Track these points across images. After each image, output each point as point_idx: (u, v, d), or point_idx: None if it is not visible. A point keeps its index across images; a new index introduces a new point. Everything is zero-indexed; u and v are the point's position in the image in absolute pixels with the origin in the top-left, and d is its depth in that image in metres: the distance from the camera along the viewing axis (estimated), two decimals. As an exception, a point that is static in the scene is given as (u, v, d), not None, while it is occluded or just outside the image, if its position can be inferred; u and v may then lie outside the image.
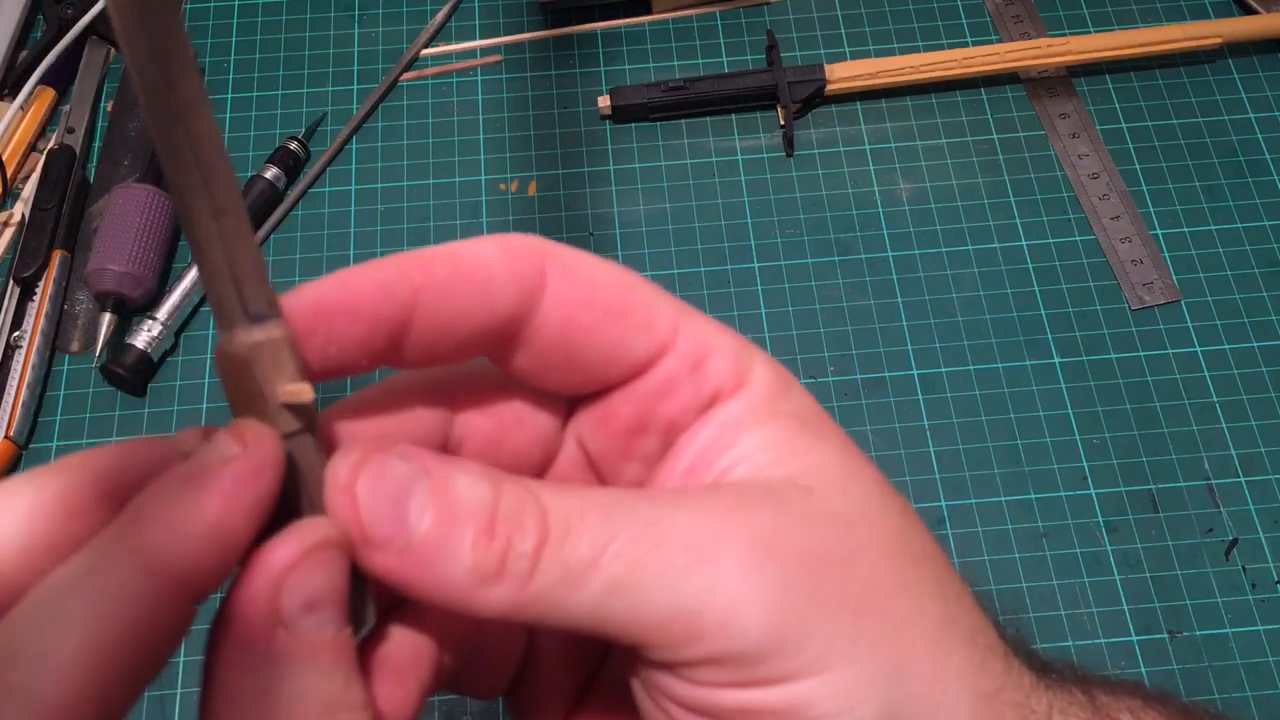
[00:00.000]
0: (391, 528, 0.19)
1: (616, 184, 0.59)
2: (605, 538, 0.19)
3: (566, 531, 0.19)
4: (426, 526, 0.19)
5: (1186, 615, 0.49)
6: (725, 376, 0.22)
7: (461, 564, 0.19)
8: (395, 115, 0.62)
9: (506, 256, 0.21)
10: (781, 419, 0.22)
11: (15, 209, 0.59)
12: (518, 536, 0.19)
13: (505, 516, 0.19)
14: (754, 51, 0.63)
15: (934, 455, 0.52)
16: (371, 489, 0.19)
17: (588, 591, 0.19)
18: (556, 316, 0.21)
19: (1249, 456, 0.52)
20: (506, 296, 0.21)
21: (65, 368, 0.55)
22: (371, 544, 0.19)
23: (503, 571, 0.19)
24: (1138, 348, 0.54)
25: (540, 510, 0.19)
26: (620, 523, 0.19)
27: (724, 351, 0.22)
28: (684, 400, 0.22)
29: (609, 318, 0.22)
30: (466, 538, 0.19)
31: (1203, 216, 0.58)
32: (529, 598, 0.19)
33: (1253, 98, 0.61)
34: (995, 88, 0.61)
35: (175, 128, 0.18)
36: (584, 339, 0.22)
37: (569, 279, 0.21)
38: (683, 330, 0.22)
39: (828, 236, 0.58)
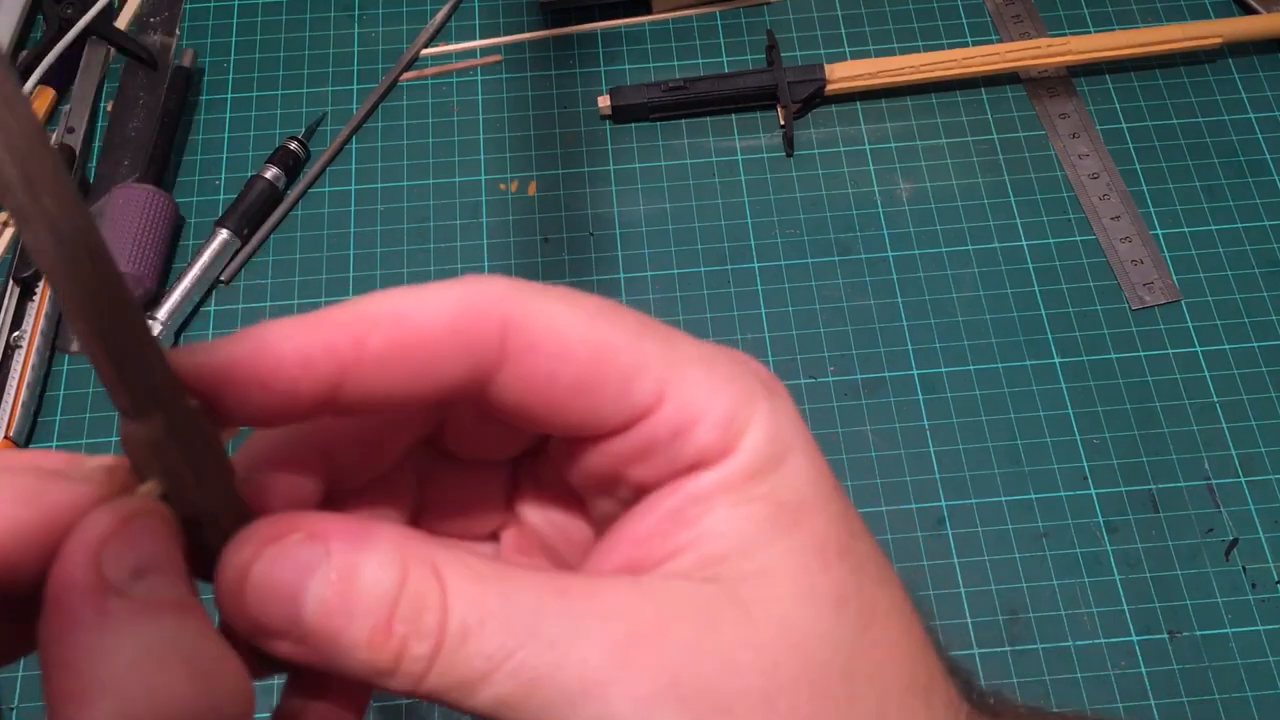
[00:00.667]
0: (286, 622, 0.18)
1: (616, 184, 0.59)
2: (502, 653, 0.18)
3: (464, 639, 0.18)
4: (321, 621, 0.18)
5: (1186, 615, 0.49)
6: (709, 447, 0.20)
7: (357, 659, 0.18)
8: (395, 115, 0.62)
9: (456, 329, 0.19)
10: (753, 505, 0.20)
11: (15, 209, 0.59)
12: (414, 640, 0.18)
13: (403, 615, 0.18)
14: (754, 51, 0.63)
15: (934, 455, 0.52)
16: (266, 574, 0.19)
17: (479, 700, 0.18)
18: (515, 392, 0.20)
19: (1249, 456, 0.52)
20: (453, 375, 0.19)
21: (65, 368, 0.55)
22: (268, 633, 0.19)
23: (396, 670, 0.18)
24: (1138, 348, 0.54)
25: (442, 609, 0.18)
26: (521, 638, 0.18)
27: (714, 418, 0.20)
28: (657, 468, 0.21)
29: (576, 393, 0.20)
30: (363, 635, 0.18)
31: (1203, 216, 0.58)
32: (424, 693, 0.19)
33: (1253, 98, 0.61)
34: (995, 88, 0.61)
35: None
36: (547, 412, 0.20)
37: (530, 353, 0.20)
38: (669, 395, 0.20)
39: (828, 236, 0.58)
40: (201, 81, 0.63)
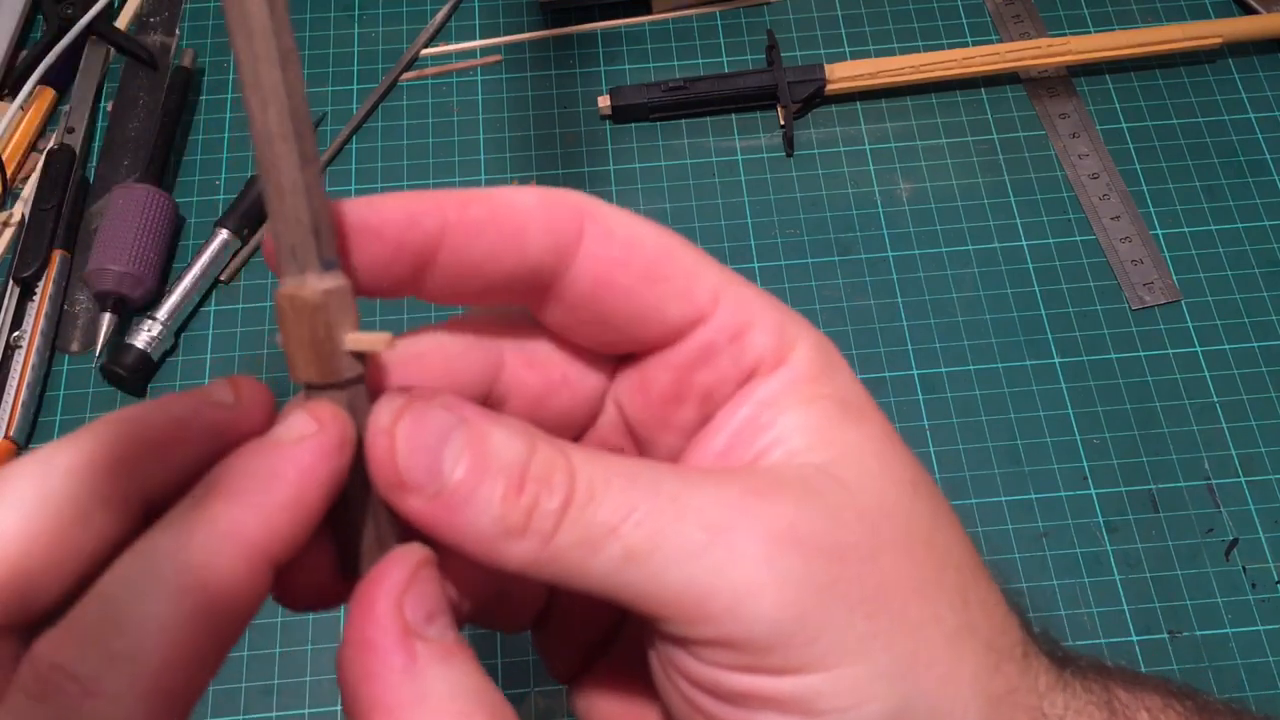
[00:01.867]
0: (425, 474, 0.19)
1: (616, 184, 0.59)
2: (627, 506, 0.19)
3: (591, 495, 0.20)
4: (459, 476, 0.19)
5: (1186, 615, 0.49)
6: (766, 350, 0.22)
7: (489, 515, 0.19)
8: (395, 115, 0.62)
9: (544, 208, 0.21)
10: (821, 402, 0.22)
11: (15, 209, 0.59)
12: (545, 495, 0.19)
13: (535, 474, 0.20)
14: (754, 51, 0.63)
15: (934, 455, 0.52)
16: (410, 434, 0.20)
17: (605, 557, 0.19)
18: (590, 274, 0.21)
19: (1249, 456, 0.52)
20: (539, 247, 0.21)
21: (65, 368, 0.55)
22: (405, 488, 0.19)
23: (527, 527, 0.19)
24: (1138, 348, 0.54)
25: (569, 472, 0.20)
26: (644, 494, 0.20)
27: (767, 325, 0.22)
28: (721, 371, 0.22)
29: (645, 281, 0.21)
30: (497, 490, 0.19)
31: (1203, 216, 0.58)
32: (549, 556, 0.19)
33: (1253, 98, 0.61)
34: (995, 88, 0.61)
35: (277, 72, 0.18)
36: (617, 300, 0.22)
37: (606, 238, 0.21)
38: (724, 300, 0.22)
39: (828, 236, 0.58)
40: (201, 81, 0.63)
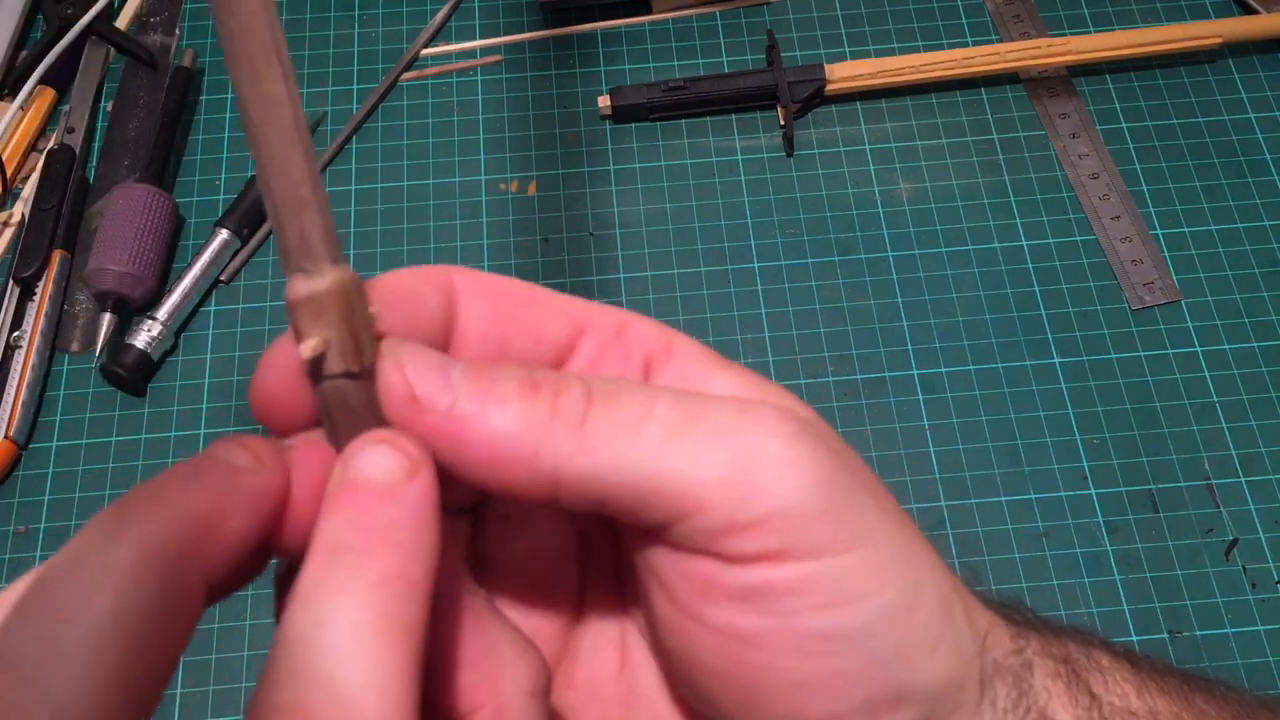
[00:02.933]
0: (438, 390, 0.20)
1: (616, 184, 0.59)
2: (651, 395, 0.20)
3: (613, 391, 0.20)
4: (469, 383, 0.20)
5: (1186, 615, 0.49)
6: (652, 339, 0.23)
7: (511, 412, 0.19)
8: (395, 115, 0.62)
9: (418, 274, 0.22)
10: (735, 369, 0.23)
11: (15, 209, 0.59)
12: (565, 391, 0.20)
13: (545, 379, 0.20)
14: (754, 51, 0.63)
15: (934, 455, 0.52)
16: (417, 357, 0.20)
17: (645, 437, 0.19)
18: (476, 311, 0.22)
19: (1249, 456, 0.52)
20: (434, 301, 0.22)
21: (65, 368, 0.55)
22: (420, 404, 0.20)
23: (554, 416, 0.19)
24: (1138, 348, 0.54)
25: (581, 378, 0.20)
26: (660, 390, 0.20)
27: (640, 320, 0.23)
28: (618, 366, 0.22)
29: (521, 304, 0.22)
30: (512, 388, 0.20)
31: (1203, 216, 0.58)
32: (584, 446, 0.19)
33: (1253, 98, 0.61)
34: (995, 88, 0.61)
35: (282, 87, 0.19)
36: (505, 327, 0.22)
37: (474, 280, 0.22)
38: (592, 310, 0.23)
39: (828, 236, 0.58)
40: (201, 81, 0.63)
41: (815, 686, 0.20)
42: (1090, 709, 0.22)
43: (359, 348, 0.20)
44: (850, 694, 0.20)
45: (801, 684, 0.20)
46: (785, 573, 0.20)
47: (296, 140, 0.19)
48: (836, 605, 0.20)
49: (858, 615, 0.20)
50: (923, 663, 0.20)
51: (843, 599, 0.20)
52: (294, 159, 0.19)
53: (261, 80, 0.19)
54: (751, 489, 0.19)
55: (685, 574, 0.20)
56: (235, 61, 0.19)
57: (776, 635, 0.20)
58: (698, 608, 0.21)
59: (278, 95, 0.19)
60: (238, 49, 0.19)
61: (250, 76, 0.19)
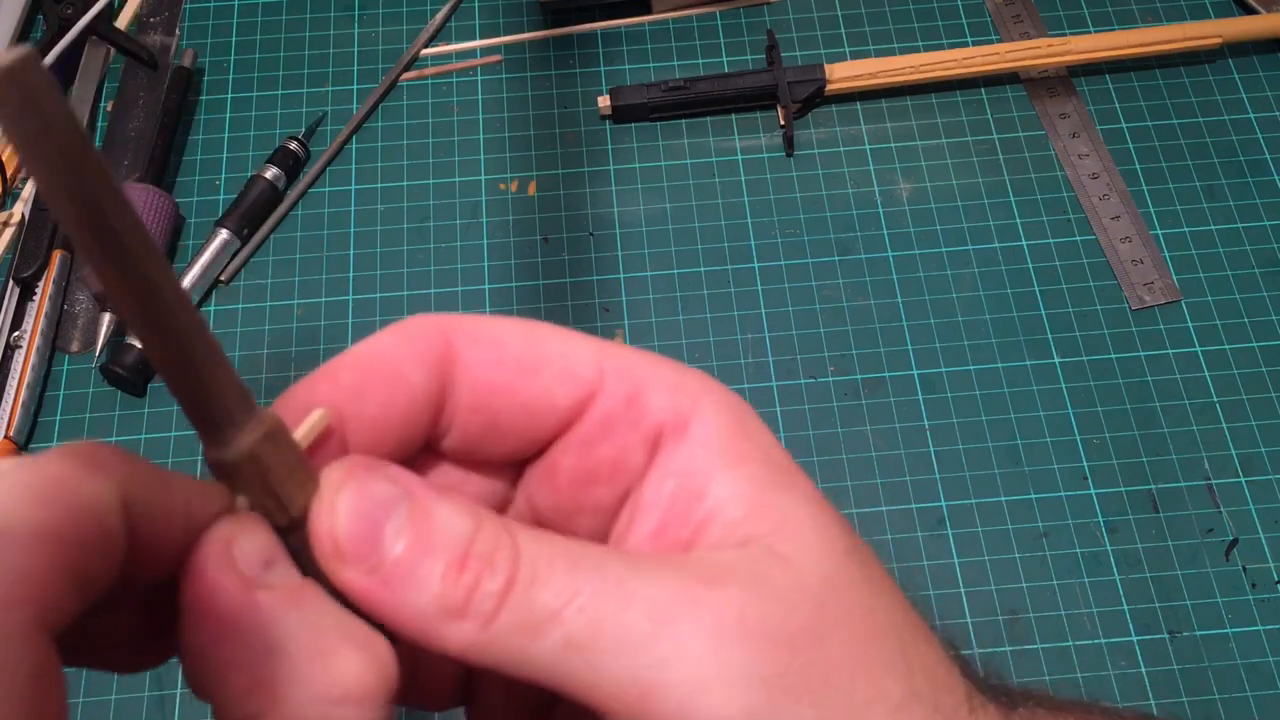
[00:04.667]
0: (365, 546, 0.19)
1: (616, 184, 0.59)
2: (571, 590, 0.19)
3: (534, 577, 0.19)
4: (399, 551, 0.19)
5: (1186, 615, 0.49)
6: (665, 411, 0.21)
7: (429, 593, 0.19)
8: (395, 115, 0.62)
9: (406, 342, 0.21)
10: (750, 466, 0.21)
11: (15, 209, 0.59)
12: (487, 575, 0.19)
13: (479, 553, 0.19)
14: (754, 51, 0.63)
15: (934, 455, 0.52)
16: (352, 504, 0.19)
17: (547, 643, 0.19)
18: (471, 384, 0.21)
19: (1249, 456, 0.52)
20: (421, 379, 0.20)
21: (65, 368, 0.55)
22: (343, 559, 0.19)
23: (467, 608, 0.19)
24: (1138, 348, 0.54)
25: (514, 551, 0.19)
26: (588, 577, 0.19)
27: (659, 385, 0.21)
28: (623, 440, 0.21)
29: (523, 373, 0.21)
30: (437, 569, 0.19)
31: (1203, 216, 0.58)
32: (488, 639, 0.19)
33: (1253, 98, 0.61)
34: (995, 88, 0.61)
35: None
36: (503, 400, 0.21)
37: (475, 344, 0.21)
38: (608, 369, 0.21)
39: (828, 236, 0.58)
40: (201, 81, 0.63)
41: None
42: None
43: (283, 503, 0.19)
44: None
45: None
46: None
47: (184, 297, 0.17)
48: None
49: None
50: None
51: None
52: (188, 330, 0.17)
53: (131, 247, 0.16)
54: (647, 711, 0.18)
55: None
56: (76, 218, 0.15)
57: None
58: None
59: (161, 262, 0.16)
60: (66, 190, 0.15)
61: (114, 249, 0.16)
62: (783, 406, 0.53)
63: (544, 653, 0.19)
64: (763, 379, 0.54)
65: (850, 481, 0.52)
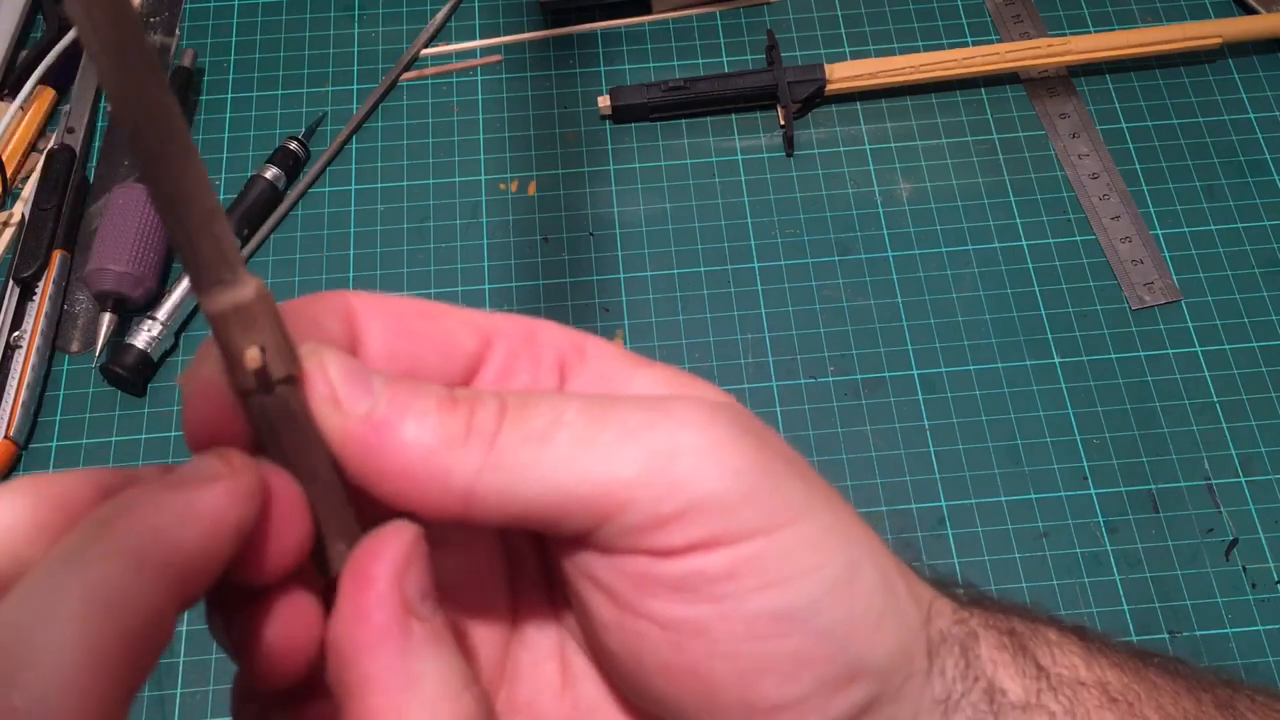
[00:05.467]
0: (358, 392, 0.19)
1: (616, 184, 0.59)
2: (562, 402, 0.20)
3: (524, 402, 0.20)
4: (390, 394, 0.19)
5: (1186, 615, 0.49)
6: (562, 342, 0.23)
7: (428, 425, 0.19)
8: (395, 115, 0.62)
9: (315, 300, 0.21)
10: (655, 367, 0.22)
11: (15, 209, 0.59)
12: (479, 406, 0.20)
13: (463, 396, 0.20)
14: (754, 51, 0.63)
15: (934, 455, 0.52)
16: (339, 362, 0.20)
17: (555, 446, 0.19)
18: (379, 330, 0.22)
19: (1249, 456, 0.52)
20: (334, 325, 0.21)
21: (65, 368, 0.55)
22: (341, 403, 0.19)
23: (469, 431, 0.19)
24: (1138, 348, 0.54)
25: (495, 393, 0.20)
26: (572, 397, 0.20)
27: (550, 326, 0.23)
28: (531, 371, 0.22)
29: (425, 318, 0.22)
30: (430, 403, 0.19)
31: (1203, 216, 0.58)
32: (496, 459, 0.19)
33: (1253, 98, 0.61)
34: (995, 88, 0.61)
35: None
36: (411, 342, 0.22)
37: (373, 301, 0.22)
38: (501, 319, 0.23)
39: (828, 236, 0.58)
40: (201, 81, 0.63)
41: (768, 671, 0.20)
42: (1038, 678, 0.22)
43: (293, 351, 0.19)
44: (804, 675, 0.20)
45: (753, 669, 0.20)
46: (719, 558, 0.19)
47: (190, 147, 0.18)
48: (778, 584, 0.20)
49: (802, 592, 0.20)
50: (870, 636, 0.20)
51: (784, 576, 0.20)
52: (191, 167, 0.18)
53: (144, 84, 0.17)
54: (669, 483, 0.19)
55: (620, 573, 0.20)
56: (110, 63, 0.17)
57: (723, 621, 0.20)
58: (639, 604, 0.20)
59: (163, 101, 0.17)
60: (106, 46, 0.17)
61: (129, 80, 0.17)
62: (783, 406, 0.53)
63: (555, 457, 0.19)
64: (763, 379, 0.54)
65: (850, 481, 0.52)
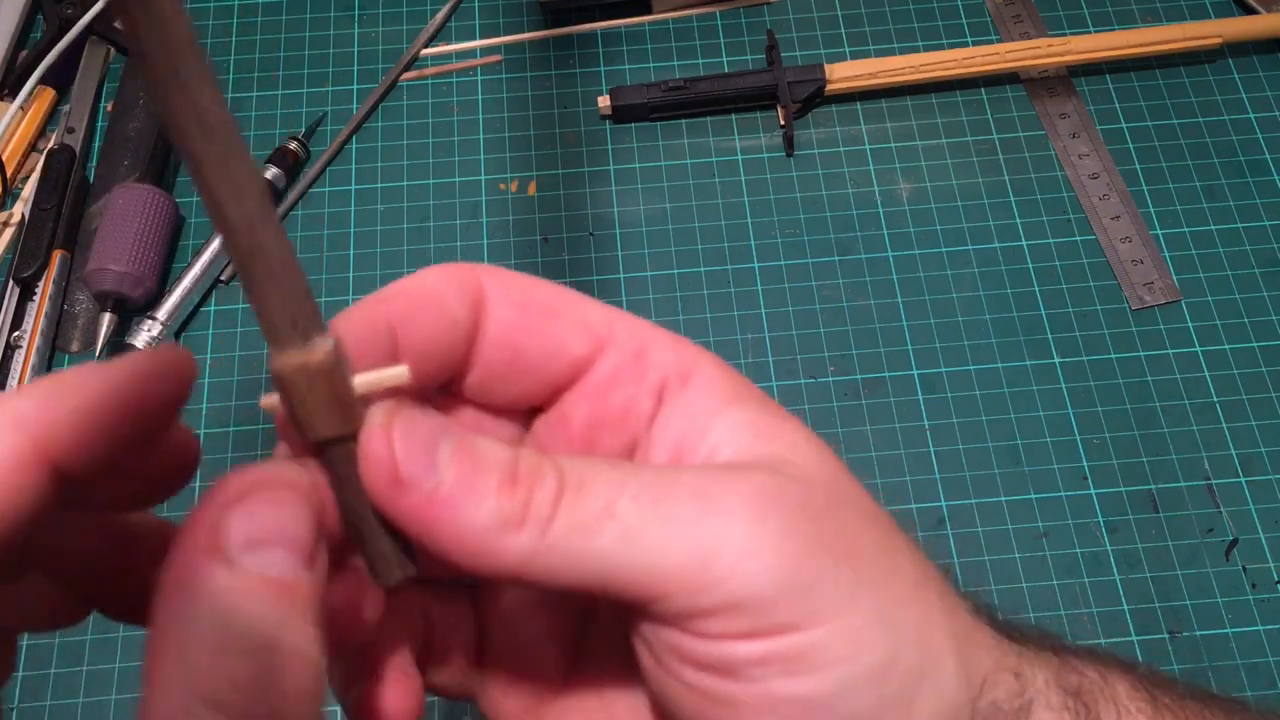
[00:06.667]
0: (422, 469, 0.20)
1: (616, 184, 0.59)
2: (619, 487, 0.20)
3: (582, 483, 0.20)
4: (454, 471, 0.20)
5: (1186, 615, 0.49)
6: (669, 365, 0.23)
7: (486, 509, 0.20)
8: (395, 115, 0.62)
9: (449, 278, 0.23)
10: (748, 403, 0.23)
11: (15, 209, 0.59)
12: (538, 486, 0.20)
13: (525, 470, 0.20)
14: (754, 51, 0.63)
15: (934, 455, 0.52)
16: (405, 433, 0.20)
17: (605, 538, 0.20)
18: (500, 321, 0.23)
19: (1249, 456, 0.52)
20: (462, 312, 0.22)
21: (65, 368, 0.55)
22: (402, 484, 0.20)
23: (525, 518, 0.20)
24: (1138, 348, 0.54)
25: (557, 466, 0.20)
26: (629, 477, 0.21)
27: (663, 343, 0.23)
28: (632, 390, 0.23)
29: (545, 315, 0.23)
30: (491, 483, 0.20)
31: (1203, 216, 0.58)
32: (548, 545, 0.20)
33: (1253, 98, 0.61)
34: (995, 88, 0.61)
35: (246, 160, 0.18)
36: (526, 338, 0.23)
37: (504, 286, 0.23)
38: (618, 327, 0.23)
39: (828, 236, 0.58)
40: (201, 81, 0.63)
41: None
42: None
43: (352, 413, 0.20)
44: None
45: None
46: (753, 648, 0.20)
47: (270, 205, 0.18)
48: (808, 673, 0.20)
49: (829, 681, 0.20)
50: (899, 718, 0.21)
51: (814, 667, 0.20)
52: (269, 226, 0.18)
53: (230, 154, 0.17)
54: (708, 581, 0.20)
55: (657, 636, 0.21)
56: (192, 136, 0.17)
57: (750, 699, 0.20)
58: (675, 670, 0.21)
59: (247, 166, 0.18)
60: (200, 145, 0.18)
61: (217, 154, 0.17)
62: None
63: (603, 548, 0.20)
64: (763, 379, 0.54)
65: (850, 481, 0.52)
